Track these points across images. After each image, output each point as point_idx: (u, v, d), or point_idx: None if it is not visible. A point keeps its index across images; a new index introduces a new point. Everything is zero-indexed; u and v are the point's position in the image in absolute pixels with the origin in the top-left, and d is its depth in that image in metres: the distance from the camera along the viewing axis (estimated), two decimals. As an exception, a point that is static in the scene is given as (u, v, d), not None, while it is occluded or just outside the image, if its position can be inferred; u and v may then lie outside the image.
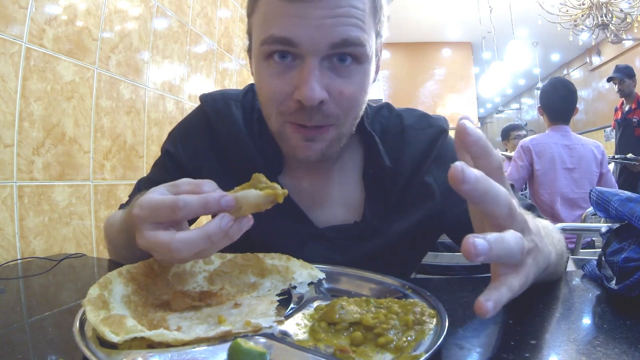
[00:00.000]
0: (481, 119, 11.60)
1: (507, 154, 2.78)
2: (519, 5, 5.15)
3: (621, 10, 3.95)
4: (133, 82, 1.61)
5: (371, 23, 0.57)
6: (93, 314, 0.36)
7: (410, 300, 0.43)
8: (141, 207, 0.43)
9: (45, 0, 1.20)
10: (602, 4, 3.93)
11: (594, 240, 1.95)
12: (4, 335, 0.44)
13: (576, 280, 0.59)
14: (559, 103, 2.11)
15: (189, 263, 0.52)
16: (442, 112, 6.79)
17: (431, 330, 0.37)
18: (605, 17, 3.96)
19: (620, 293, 0.48)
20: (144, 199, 0.43)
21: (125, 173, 1.56)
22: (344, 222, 0.69)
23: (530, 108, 9.84)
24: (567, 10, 4.17)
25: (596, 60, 6.54)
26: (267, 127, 0.66)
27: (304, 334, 0.39)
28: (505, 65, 5.63)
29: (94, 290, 0.40)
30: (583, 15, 4.13)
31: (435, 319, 0.39)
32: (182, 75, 1.96)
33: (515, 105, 11.20)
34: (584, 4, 4.07)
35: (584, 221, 1.88)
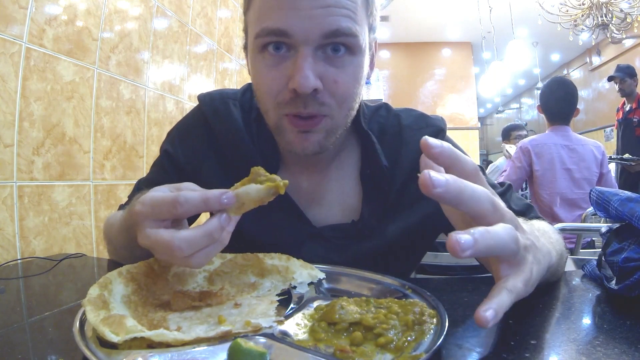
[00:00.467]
0: (481, 119, 11.60)
1: (511, 151, 2.73)
2: (519, 5, 5.15)
3: (621, 10, 3.95)
4: (133, 82, 1.61)
5: (363, 15, 0.58)
6: (93, 314, 0.36)
7: (410, 300, 0.43)
8: (143, 204, 0.43)
9: (45, 0, 1.20)
10: (602, 4, 3.93)
11: (594, 240, 1.94)
12: (4, 335, 0.44)
13: (576, 280, 0.59)
14: (557, 104, 2.10)
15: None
16: (442, 112, 6.79)
17: (431, 330, 0.37)
18: (605, 17, 3.96)
19: (620, 293, 0.48)
20: (146, 196, 0.44)
21: (125, 173, 1.56)
22: (341, 222, 0.69)
23: (530, 108, 9.84)
24: (567, 10, 4.17)
25: (596, 60, 6.54)
26: (265, 126, 0.66)
27: (304, 334, 0.39)
28: (505, 65, 5.63)
29: (94, 290, 0.40)
30: (583, 15, 4.12)
31: (435, 319, 0.39)
32: (182, 75, 1.96)
33: (515, 105, 11.20)
34: (584, 4, 4.06)
35: (584, 221, 1.87)
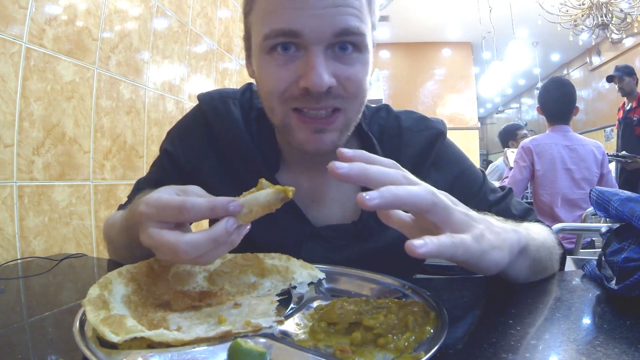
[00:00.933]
0: (481, 119, 11.60)
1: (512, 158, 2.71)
2: (519, 5, 5.15)
3: (621, 10, 3.95)
4: (133, 82, 1.61)
5: (367, 14, 0.59)
6: (93, 314, 0.36)
7: (410, 300, 0.43)
8: (148, 205, 0.43)
9: (45, 0, 1.20)
10: (602, 4, 3.93)
11: (594, 240, 1.95)
12: (4, 335, 0.44)
13: (576, 280, 0.59)
14: (555, 104, 2.11)
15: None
16: (442, 112, 6.79)
17: (431, 330, 0.37)
18: (605, 17, 3.96)
19: (620, 293, 0.48)
20: (151, 197, 0.44)
21: (125, 173, 1.56)
22: (341, 222, 0.69)
23: (530, 108, 9.85)
24: (567, 10, 4.17)
25: (596, 60, 6.54)
26: (265, 126, 0.65)
27: (304, 334, 0.39)
28: (505, 65, 5.63)
29: (94, 290, 0.40)
30: (583, 15, 4.13)
31: (435, 319, 0.39)
32: (182, 75, 1.96)
33: (515, 105, 11.20)
34: (584, 4, 4.07)
35: (584, 221, 1.87)
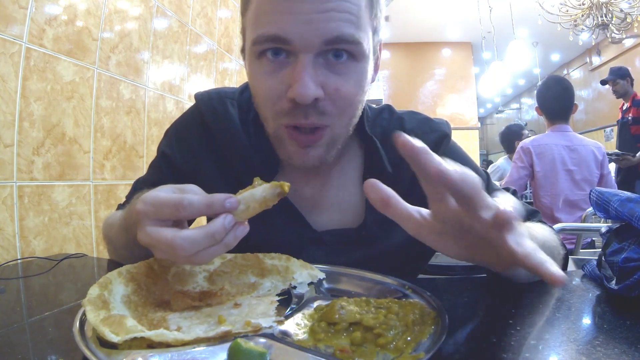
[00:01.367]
0: (481, 119, 11.60)
1: None
2: (519, 5, 5.15)
3: (621, 10, 3.96)
4: (133, 82, 1.61)
5: (367, 19, 0.55)
6: (93, 314, 0.36)
7: (410, 301, 0.43)
8: (145, 203, 0.43)
9: (45, 0, 1.20)
10: (602, 4, 3.93)
11: (594, 240, 1.94)
12: (4, 335, 0.44)
13: (576, 280, 0.59)
14: (554, 102, 2.10)
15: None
16: (442, 112, 6.79)
17: (431, 331, 0.37)
18: (605, 17, 3.96)
19: (620, 293, 0.48)
20: (149, 195, 0.44)
21: (125, 173, 1.56)
22: (343, 226, 0.68)
23: (530, 108, 9.85)
24: (567, 10, 4.17)
25: (596, 60, 6.54)
26: (264, 127, 0.65)
27: (304, 334, 0.39)
28: (505, 65, 5.63)
29: (94, 290, 0.40)
30: (583, 15, 4.13)
31: (435, 319, 0.39)
32: (182, 75, 1.96)
33: (515, 105, 11.20)
34: (584, 4, 4.07)
35: (584, 221, 1.87)
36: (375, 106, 0.76)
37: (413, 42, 7.07)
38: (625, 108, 3.38)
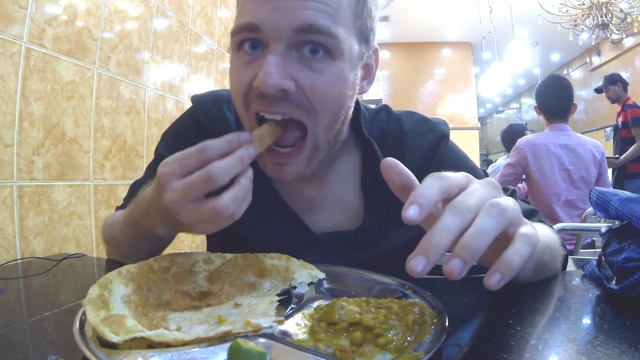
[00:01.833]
0: (481, 119, 11.61)
1: None
2: (519, 5, 5.16)
3: (621, 10, 3.96)
4: (133, 82, 1.61)
5: (348, 17, 0.54)
6: (93, 314, 0.36)
7: (410, 301, 0.43)
8: (167, 164, 0.45)
9: (45, 0, 1.21)
10: (602, 4, 3.94)
11: (594, 240, 1.94)
12: (4, 335, 0.44)
13: (576, 280, 0.59)
14: (553, 101, 2.09)
15: (189, 263, 0.52)
16: (442, 112, 6.79)
17: (431, 331, 0.37)
18: (605, 17, 3.96)
19: (620, 293, 0.48)
20: (167, 158, 0.45)
21: (125, 173, 1.56)
22: (341, 229, 0.68)
23: (530, 108, 9.85)
24: (567, 10, 4.18)
25: (596, 60, 6.54)
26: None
27: (304, 334, 0.39)
28: (505, 65, 5.64)
29: (94, 290, 0.40)
30: (583, 15, 4.13)
31: (435, 319, 0.39)
32: (182, 75, 1.96)
33: (515, 105, 11.21)
34: (584, 4, 4.07)
35: (584, 221, 1.87)
36: (372, 107, 0.76)
37: (413, 42, 7.07)
38: (618, 112, 3.46)
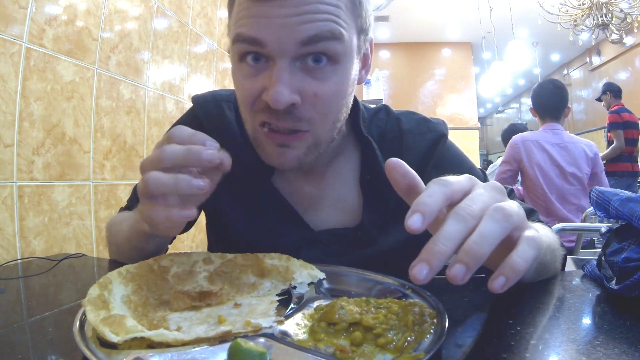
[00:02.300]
0: (481, 119, 11.61)
1: None
2: (519, 5, 5.16)
3: (621, 10, 3.96)
4: (133, 82, 1.61)
5: (349, 19, 0.55)
6: (93, 314, 0.36)
7: (410, 301, 0.43)
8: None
9: (45, 0, 1.21)
10: (602, 4, 3.94)
11: (594, 240, 1.95)
12: (4, 335, 0.44)
13: (576, 280, 0.59)
14: (547, 98, 2.15)
15: (189, 263, 0.52)
16: (442, 112, 6.79)
17: (431, 331, 0.37)
18: (605, 17, 3.96)
19: (620, 293, 0.48)
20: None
21: (125, 173, 1.56)
22: (340, 226, 0.68)
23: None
24: (567, 10, 4.18)
25: (596, 60, 6.54)
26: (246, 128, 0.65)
27: (304, 334, 0.39)
28: (505, 65, 5.63)
29: (94, 290, 0.40)
30: (583, 15, 4.13)
31: (435, 319, 0.39)
32: (182, 75, 1.96)
33: (515, 105, 11.21)
34: (584, 4, 4.07)
35: (584, 221, 1.88)
36: (372, 106, 0.76)
37: (413, 42, 7.08)
38: None
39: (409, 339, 0.36)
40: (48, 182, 1.23)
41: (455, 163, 0.72)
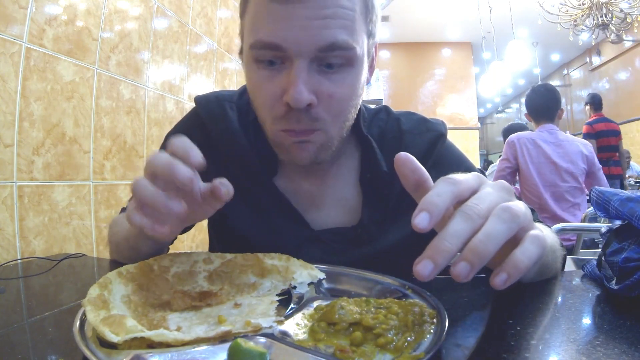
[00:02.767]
0: (481, 119, 11.61)
1: None
2: (519, 5, 5.16)
3: (621, 10, 3.96)
4: (133, 82, 1.61)
5: (362, 23, 0.56)
6: (93, 314, 0.36)
7: (410, 301, 0.43)
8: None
9: (45, 0, 1.21)
10: (602, 4, 3.94)
11: (594, 240, 1.95)
12: (4, 335, 0.44)
13: (576, 280, 0.59)
14: (539, 100, 2.20)
15: (189, 263, 0.52)
16: (442, 112, 6.80)
17: (431, 331, 0.37)
18: (605, 17, 3.96)
19: (620, 293, 0.48)
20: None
21: (125, 173, 1.56)
22: (340, 225, 0.69)
23: (530, 108, 9.86)
24: (567, 10, 4.18)
25: (596, 60, 6.54)
26: (263, 129, 0.65)
27: (304, 334, 0.39)
28: (505, 65, 5.64)
29: (94, 290, 0.40)
30: (583, 15, 4.13)
31: (435, 319, 0.39)
32: (182, 75, 1.96)
33: (515, 105, 11.21)
34: (584, 4, 4.07)
35: (584, 221, 1.88)
36: (372, 107, 0.77)
37: (413, 42, 7.08)
38: None
39: (409, 339, 0.36)
40: (48, 182, 1.23)
41: (454, 162, 0.73)
